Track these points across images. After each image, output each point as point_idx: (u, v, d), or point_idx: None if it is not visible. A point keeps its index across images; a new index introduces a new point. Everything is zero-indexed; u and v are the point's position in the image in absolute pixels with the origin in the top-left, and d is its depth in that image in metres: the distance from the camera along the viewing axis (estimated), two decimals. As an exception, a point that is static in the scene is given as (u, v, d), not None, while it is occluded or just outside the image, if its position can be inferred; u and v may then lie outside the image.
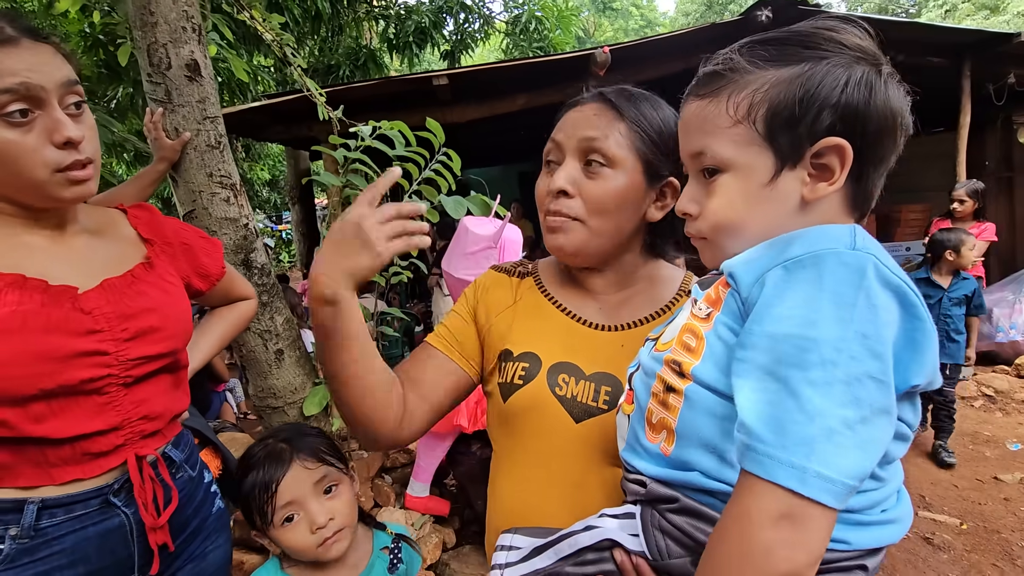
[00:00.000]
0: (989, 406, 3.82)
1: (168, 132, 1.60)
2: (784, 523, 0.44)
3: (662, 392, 0.59)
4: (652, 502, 0.61)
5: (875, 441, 0.45)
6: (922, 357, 0.48)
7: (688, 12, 27.84)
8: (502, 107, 4.45)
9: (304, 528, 0.94)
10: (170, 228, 1.05)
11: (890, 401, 0.46)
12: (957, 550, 2.32)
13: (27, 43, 0.78)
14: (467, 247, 2.04)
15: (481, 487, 2.29)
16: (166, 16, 1.53)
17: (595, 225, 0.78)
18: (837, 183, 0.54)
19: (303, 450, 0.98)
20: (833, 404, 0.44)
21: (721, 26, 3.90)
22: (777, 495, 0.44)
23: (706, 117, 0.58)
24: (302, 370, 1.96)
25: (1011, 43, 4.00)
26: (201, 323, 1.22)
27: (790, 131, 0.54)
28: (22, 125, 0.76)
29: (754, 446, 0.45)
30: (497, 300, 0.89)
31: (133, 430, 0.88)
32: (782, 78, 0.54)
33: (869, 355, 0.45)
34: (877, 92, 0.52)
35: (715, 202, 0.59)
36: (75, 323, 0.81)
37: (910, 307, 0.48)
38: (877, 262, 0.48)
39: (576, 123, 0.79)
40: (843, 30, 0.55)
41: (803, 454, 0.43)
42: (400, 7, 6.53)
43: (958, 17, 17.17)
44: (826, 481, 0.43)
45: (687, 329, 0.59)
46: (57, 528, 0.81)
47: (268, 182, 12.36)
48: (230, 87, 4.89)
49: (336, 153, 1.96)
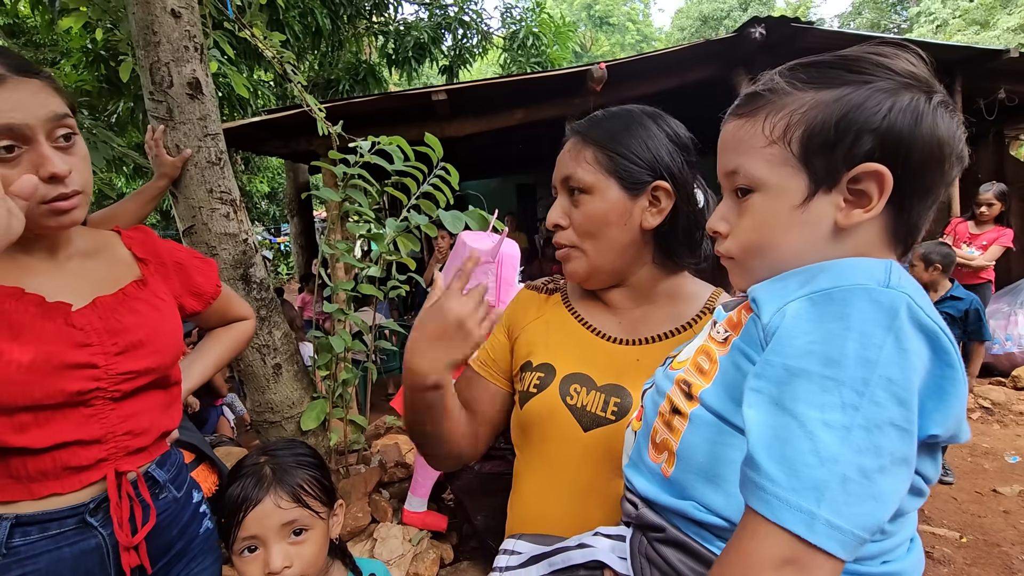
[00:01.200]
0: (987, 418, 3.82)
1: (169, 149, 1.61)
2: (788, 569, 0.42)
3: (668, 413, 0.59)
4: (641, 527, 0.61)
5: (892, 492, 0.42)
6: (948, 407, 0.45)
7: (683, 27, 28.22)
8: (500, 121, 4.49)
9: (260, 565, 0.90)
10: (164, 248, 1.06)
11: (911, 451, 0.43)
12: (957, 564, 2.31)
13: (14, 80, 0.78)
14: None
15: (479, 502, 2.28)
16: (169, 36, 1.56)
17: (589, 248, 0.83)
18: (874, 210, 0.51)
19: (284, 485, 0.93)
20: (850, 450, 0.41)
21: (716, 42, 3.95)
22: (782, 539, 0.42)
23: (741, 137, 0.57)
24: (300, 384, 1.95)
25: (1001, 59, 4.06)
26: (198, 345, 1.22)
27: (826, 154, 0.52)
28: (7, 161, 0.77)
29: (762, 484, 0.43)
30: (524, 315, 0.96)
31: (117, 445, 0.88)
32: (821, 100, 0.53)
33: (894, 401, 0.42)
34: (924, 119, 0.50)
35: (745, 222, 0.57)
36: (66, 336, 0.82)
37: (943, 353, 0.45)
38: (911, 302, 0.45)
39: (560, 164, 0.86)
40: (894, 55, 0.53)
41: (814, 499, 0.41)
42: (399, 23, 6.61)
43: (949, 32, 17.41)
44: (835, 530, 0.41)
45: (702, 351, 0.59)
46: (31, 547, 0.80)
47: (267, 194, 12.41)
48: (230, 102, 4.93)
49: (336, 168, 1.98)
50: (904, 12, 22.42)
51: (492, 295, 2.29)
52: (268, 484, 0.93)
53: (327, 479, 1.02)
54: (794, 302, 0.48)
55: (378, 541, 2.10)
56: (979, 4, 17.18)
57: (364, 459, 2.59)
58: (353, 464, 2.50)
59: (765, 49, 3.61)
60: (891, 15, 23.25)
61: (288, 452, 1.02)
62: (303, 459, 1.01)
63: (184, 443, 1.32)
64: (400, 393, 2.29)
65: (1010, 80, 4.37)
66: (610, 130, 0.83)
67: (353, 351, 2.11)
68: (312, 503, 0.95)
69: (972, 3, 17.62)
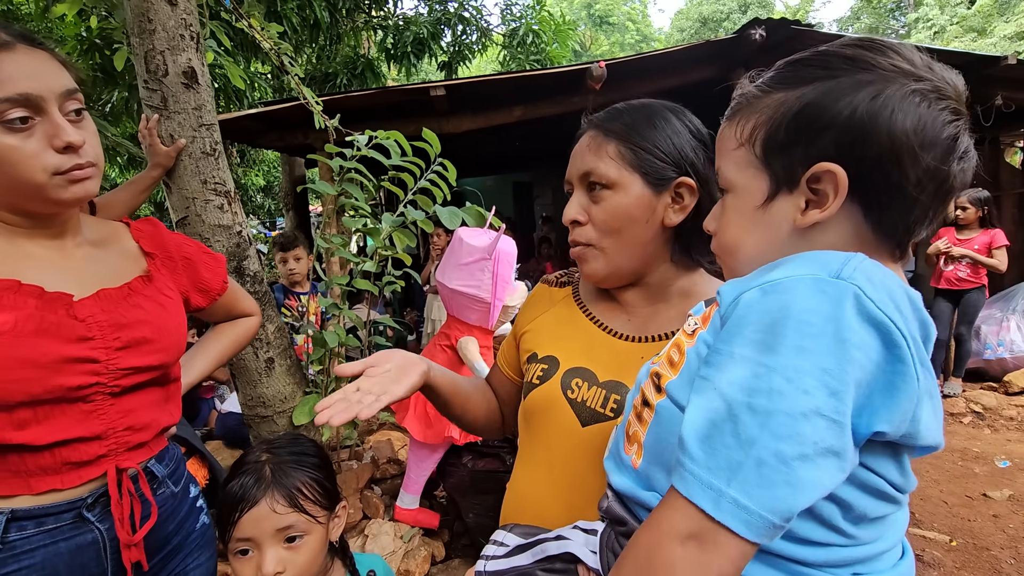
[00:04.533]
0: (978, 423, 3.85)
1: (163, 138, 1.59)
2: (691, 543, 0.43)
3: (640, 405, 0.60)
4: (610, 521, 0.62)
5: (812, 482, 0.42)
6: (895, 404, 0.44)
7: (683, 28, 28.23)
8: (498, 118, 4.47)
9: (253, 567, 0.89)
10: (173, 242, 1.05)
11: (841, 443, 0.42)
12: (947, 567, 2.32)
13: (23, 48, 0.78)
14: (461, 258, 2.04)
15: (471, 500, 2.27)
16: (164, 24, 1.53)
17: (609, 246, 0.81)
18: (829, 210, 0.50)
19: (281, 488, 0.91)
20: (768, 435, 0.42)
21: (716, 43, 3.95)
22: (690, 513, 0.44)
23: (722, 139, 0.59)
24: (292, 379, 1.94)
25: (998, 65, 4.08)
26: (201, 339, 1.21)
27: (784, 154, 0.53)
28: (22, 131, 0.77)
29: (683, 461, 0.45)
30: (532, 311, 0.97)
31: (117, 440, 0.87)
32: (784, 100, 0.53)
33: (825, 392, 0.42)
34: (881, 112, 0.47)
35: (722, 222, 0.60)
36: (67, 329, 0.80)
37: (893, 347, 0.43)
38: (860, 293, 0.43)
39: (576, 158, 0.84)
40: (879, 48, 0.50)
41: (725, 478, 0.43)
42: (398, 18, 6.57)
43: (946, 39, 17.50)
44: (742, 509, 0.42)
45: (675, 344, 0.60)
46: (27, 542, 0.79)
47: (263, 188, 12.32)
48: (226, 93, 4.89)
49: (332, 162, 1.96)
50: (902, 18, 22.52)
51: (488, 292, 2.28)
52: (266, 486, 0.91)
53: (330, 480, 0.99)
54: (746, 293, 0.48)
55: (369, 537, 2.08)
56: (977, 11, 17.27)
57: (356, 455, 2.58)
58: (345, 460, 2.48)
59: (765, 51, 3.61)
60: (889, 20, 23.35)
61: (290, 450, 0.99)
62: (305, 459, 0.98)
63: (175, 436, 1.31)
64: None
65: (1007, 87, 4.39)
66: (632, 123, 0.80)
67: (348, 347, 2.10)
68: (310, 508, 0.92)
69: (970, 10, 17.71)
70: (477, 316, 2.12)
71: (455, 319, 2.20)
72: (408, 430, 2.14)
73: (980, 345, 4.38)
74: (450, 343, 2.20)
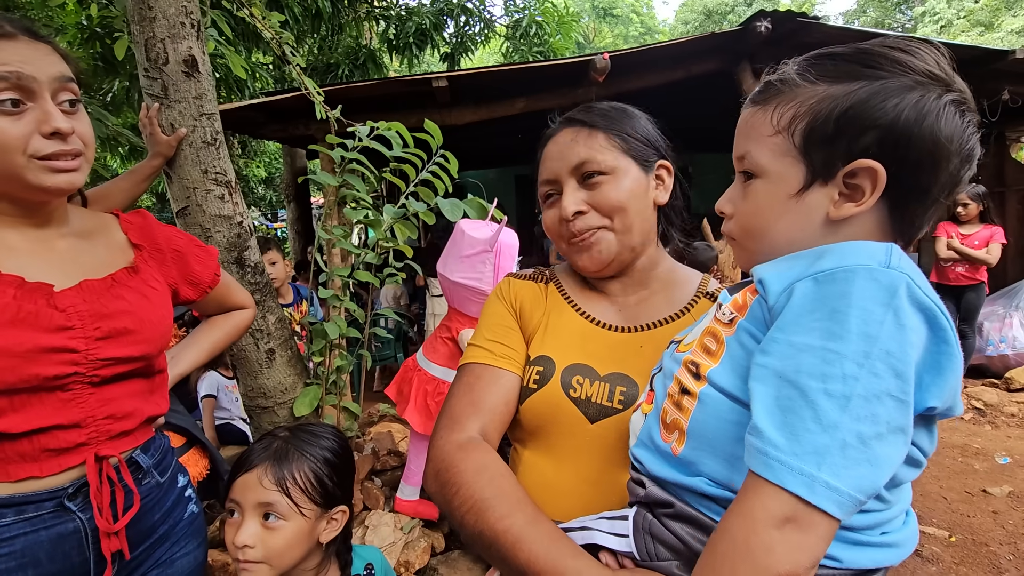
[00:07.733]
0: (979, 419, 3.84)
1: (164, 128, 1.58)
2: (788, 526, 0.45)
3: (677, 393, 0.61)
4: (649, 505, 0.63)
5: (888, 459, 0.45)
6: (944, 381, 0.48)
7: (687, 20, 28.01)
8: (500, 110, 4.45)
9: (233, 532, 0.91)
10: (162, 234, 1.04)
11: (907, 421, 0.46)
12: (946, 562, 2.33)
13: (24, 39, 0.79)
14: (463, 250, 2.04)
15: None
16: (165, 11, 1.52)
17: (619, 224, 0.82)
18: (864, 205, 0.54)
19: (276, 466, 0.93)
20: (849, 418, 0.44)
21: (721, 35, 3.92)
22: (783, 499, 0.45)
23: (753, 124, 0.60)
24: (293, 370, 1.94)
25: (1005, 60, 4.04)
26: (194, 331, 1.20)
27: (825, 148, 0.54)
28: (12, 114, 0.77)
29: (765, 450, 0.46)
30: (532, 305, 0.90)
31: (97, 429, 0.86)
32: (829, 95, 0.54)
33: (891, 374, 0.45)
34: (926, 119, 0.51)
35: (747, 205, 0.61)
36: (46, 319, 0.80)
37: (939, 330, 0.47)
38: (911, 282, 0.47)
39: (559, 154, 0.84)
40: (914, 51, 0.54)
41: (814, 463, 0.44)
42: (401, 8, 6.52)
43: (953, 33, 17.36)
44: (834, 491, 0.44)
45: (708, 332, 0.61)
46: (6, 530, 0.79)
47: (264, 179, 12.31)
48: (227, 83, 4.87)
49: (333, 153, 1.95)
50: (909, 11, 22.32)
51: (489, 284, 2.27)
52: (266, 458, 0.93)
53: (334, 481, 0.98)
54: (800, 282, 0.50)
55: (369, 529, 2.09)
56: (984, 5, 17.12)
57: (357, 447, 2.59)
58: (346, 451, 2.49)
59: (770, 43, 3.58)
60: (895, 14, 23.14)
61: (308, 439, 0.99)
62: (317, 452, 0.98)
63: (175, 426, 1.31)
64: (394, 381, 2.28)
65: (1014, 81, 4.35)
66: (609, 116, 0.85)
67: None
68: (296, 495, 0.92)
69: (977, 4, 17.56)
70: (478, 308, 2.12)
71: (456, 311, 2.20)
72: (408, 422, 2.14)
73: (982, 341, 4.37)
74: (451, 335, 2.20)
